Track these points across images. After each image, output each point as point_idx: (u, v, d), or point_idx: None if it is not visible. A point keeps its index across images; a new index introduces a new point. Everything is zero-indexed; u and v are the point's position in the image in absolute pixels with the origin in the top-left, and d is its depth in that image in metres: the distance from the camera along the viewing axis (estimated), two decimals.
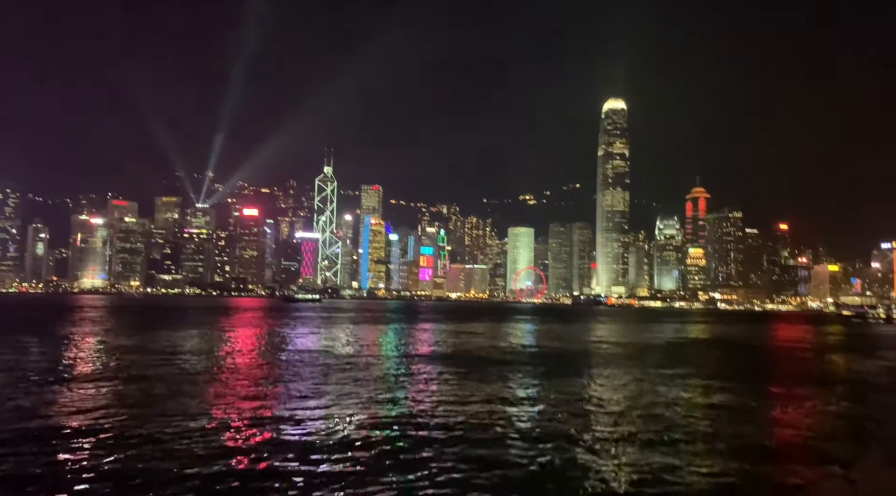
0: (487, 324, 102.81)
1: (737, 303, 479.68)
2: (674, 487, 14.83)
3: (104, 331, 64.24)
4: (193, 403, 24.03)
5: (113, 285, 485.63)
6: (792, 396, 30.45)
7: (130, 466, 15.37)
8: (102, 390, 26.72)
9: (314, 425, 20.80)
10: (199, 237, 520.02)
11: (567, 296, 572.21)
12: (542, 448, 18.38)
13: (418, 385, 31.00)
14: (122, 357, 40.17)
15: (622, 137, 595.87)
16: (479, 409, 24.27)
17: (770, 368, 47.53)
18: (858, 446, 19.80)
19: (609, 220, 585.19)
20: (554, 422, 22.34)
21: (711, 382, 34.62)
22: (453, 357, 45.79)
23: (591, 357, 49.60)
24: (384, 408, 24.44)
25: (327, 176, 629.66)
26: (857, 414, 25.93)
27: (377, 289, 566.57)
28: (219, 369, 35.12)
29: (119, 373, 32.16)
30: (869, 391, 33.53)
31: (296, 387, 28.74)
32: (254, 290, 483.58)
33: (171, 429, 19.38)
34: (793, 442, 20.46)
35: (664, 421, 23.05)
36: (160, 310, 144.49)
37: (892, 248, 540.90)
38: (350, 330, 78.05)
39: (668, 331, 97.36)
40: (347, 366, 38.17)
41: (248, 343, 54.92)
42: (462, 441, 18.93)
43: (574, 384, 32.52)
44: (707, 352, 62.04)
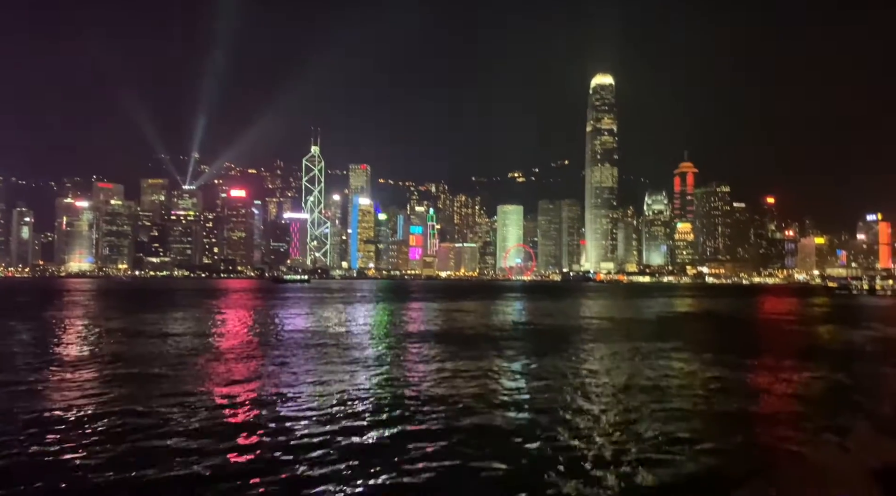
0: (478, 303, 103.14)
1: (724, 277, 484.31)
2: (666, 456, 14.96)
3: (93, 315, 63.84)
4: (185, 384, 23.95)
5: (100, 268, 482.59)
6: (781, 367, 30.79)
7: (122, 449, 15.31)
8: (93, 373, 26.58)
9: (307, 403, 20.80)
10: (186, 219, 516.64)
11: (557, 272, 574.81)
12: (535, 420, 18.50)
13: (411, 362, 31.07)
14: (112, 339, 39.97)
15: (610, 113, 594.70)
16: (471, 384, 24.37)
17: (758, 340, 48.06)
18: (850, 415, 20.06)
19: (598, 197, 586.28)
20: (546, 396, 22.48)
21: (701, 355, 34.94)
22: (445, 335, 45.92)
23: (582, 332, 49.90)
24: (377, 384, 24.48)
25: (314, 156, 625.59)
26: (847, 383, 26.27)
27: (367, 268, 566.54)
28: (209, 351, 35.00)
29: (109, 356, 31.98)
30: (856, 361, 33.96)
31: (287, 367, 28.72)
32: (243, 272, 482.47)
33: (164, 409, 19.32)
34: (785, 411, 20.71)
35: (654, 392, 23.25)
36: (148, 292, 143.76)
37: (877, 219, 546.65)
38: (341, 310, 78.03)
39: (657, 306, 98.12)
40: (339, 345, 38.18)
41: (237, 324, 54.78)
42: (455, 414, 19.01)
43: (565, 359, 32.72)
44: (696, 325, 62.62)
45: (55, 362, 29.80)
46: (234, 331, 47.50)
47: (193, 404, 20.39)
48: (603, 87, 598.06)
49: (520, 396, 22.80)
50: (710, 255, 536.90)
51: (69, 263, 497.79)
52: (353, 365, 29.79)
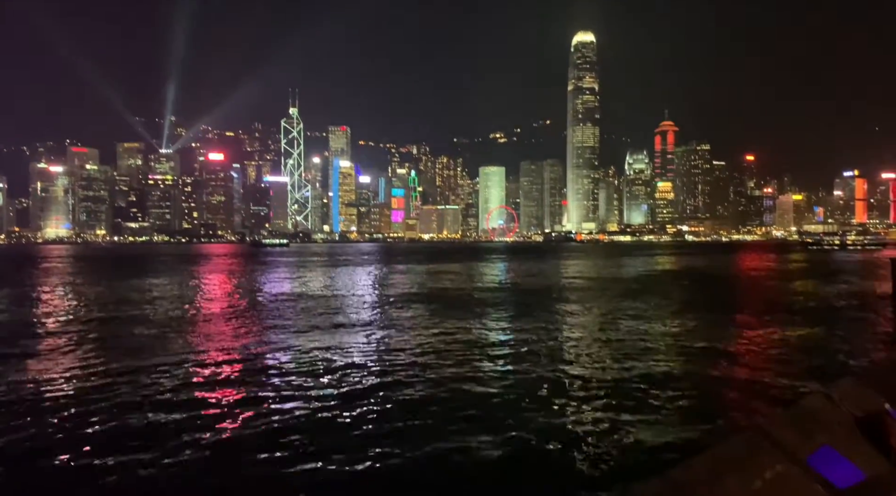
0: (461, 264, 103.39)
1: (704, 235, 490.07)
2: (650, 408, 15.15)
3: (73, 281, 63.02)
4: (163, 350, 23.78)
5: (78, 235, 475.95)
6: (762, 322, 31.27)
7: (101, 417, 15.17)
8: (76, 339, 26.27)
9: (293, 366, 20.76)
10: (164, 183, 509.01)
11: (539, 233, 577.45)
12: (518, 377, 18.63)
13: (397, 324, 31.10)
14: (94, 306, 39.53)
15: (591, 71, 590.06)
16: (455, 343, 24.47)
17: (738, 297, 48.74)
18: (832, 365, 20.46)
19: (579, 157, 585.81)
20: (530, 353, 22.64)
21: (683, 312, 35.38)
22: (430, 296, 46.01)
23: (564, 292, 50.26)
24: (363, 345, 24.49)
25: (293, 117, 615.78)
26: (827, 336, 26.75)
27: (349, 232, 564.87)
28: (189, 317, 34.77)
29: (92, 322, 31.64)
30: (834, 314, 34.59)
31: (270, 331, 28.62)
32: (223, 236, 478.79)
33: (152, 373, 19.18)
34: (768, 364, 21.04)
35: (637, 348, 23.50)
36: (127, 258, 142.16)
37: (853, 175, 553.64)
38: (323, 273, 77.83)
39: (638, 265, 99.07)
40: (324, 309, 38.11)
41: (216, 290, 54.43)
42: (439, 375, 19.08)
43: (547, 318, 32.95)
44: (675, 283, 63.32)
45: (33, 331, 29.42)
46: (213, 297, 47.19)
47: (172, 371, 20.25)
48: (584, 45, 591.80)
49: (500, 354, 22.93)
50: (689, 214, 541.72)
51: (46, 230, 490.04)
52: (337, 329, 29.76)
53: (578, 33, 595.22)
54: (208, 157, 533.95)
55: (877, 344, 25.08)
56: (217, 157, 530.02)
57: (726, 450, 2.69)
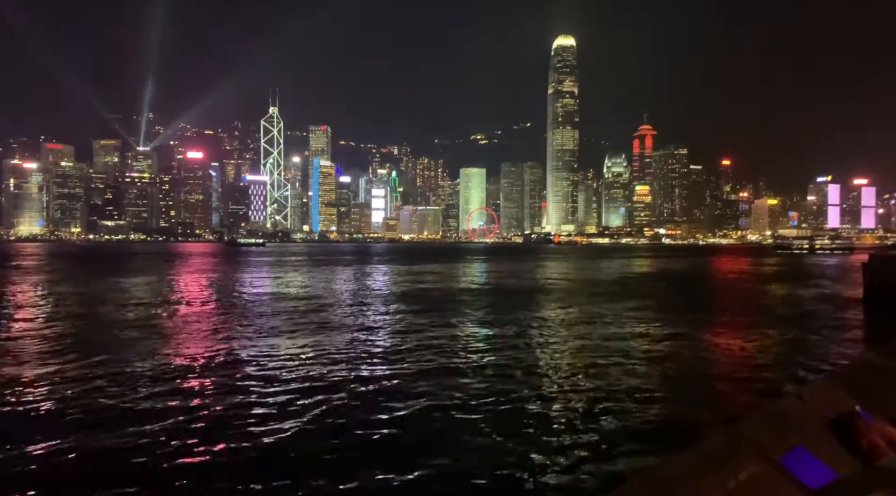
0: (441, 265, 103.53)
1: (680, 238, 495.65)
2: (626, 406, 15.40)
3: (46, 280, 62.01)
4: (145, 348, 23.58)
5: (52, 232, 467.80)
6: (737, 324, 31.83)
7: (77, 417, 15.06)
8: (50, 340, 25.93)
9: (270, 366, 20.71)
10: (141, 181, 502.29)
11: (519, 235, 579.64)
12: (497, 378, 18.79)
13: (378, 324, 31.12)
14: (68, 305, 38.99)
15: (571, 75, 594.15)
16: (436, 344, 24.58)
17: (713, 299, 49.47)
18: (805, 367, 20.92)
19: (559, 159, 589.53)
20: (508, 353, 22.82)
21: (658, 313, 35.86)
22: (410, 297, 46.08)
23: (543, 293, 50.62)
24: (343, 346, 24.49)
25: (273, 116, 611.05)
26: (800, 338, 27.32)
27: (329, 232, 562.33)
28: (158, 319, 34.49)
29: (65, 322, 31.23)
30: (806, 316, 35.29)
31: (246, 332, 28.49)
32: (201, 235, 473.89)
33: (125, 375, 19.02)
34: (743, 365, 21.47)
35: (614, 348, 23.81)
36: (100, 256, 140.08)
37: (826, 181, 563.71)
38: (301, 274, 77.48)
39: (616, 267, 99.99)
40: (302, 309, 38.01)
41: (189, 290, 53.96)
42: (420, 374, 19.18)
43: (526, 318, 33.21)
44: (652, 285, 64.05)
45: (8, 330, 28.97)
46: (185, 298, 46.78)
47: (150, 368, 20.12)
48: (565, 49, 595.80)
49: (479, 355, 23.08)
50: (667, 217, 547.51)
51: (18, 227, 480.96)
52: (315, 329, 29.71)
53: (559, 37, 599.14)
54: (186, 156, 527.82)
55: (849, 346, 25.68)
56: (196, 155, 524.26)
57: (702, 450, 2.66)
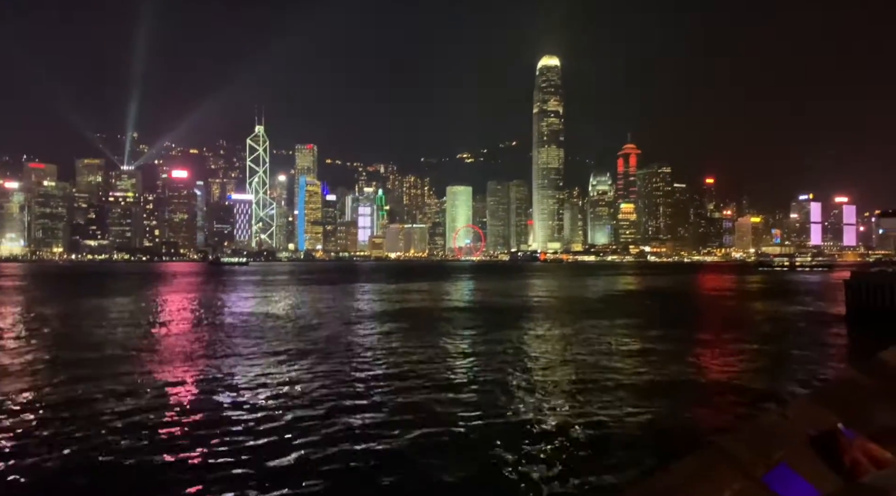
0: (428, 283, 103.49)
1: (665, 256, 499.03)
2: (612, 423, 15.51)
3: (26, 300, 61.24)
4: (128, 371, 23.39)
5: (33, 252, 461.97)
6: (721, 341, 32.12)
7: (60, 441, 14.92)
8: (29, 364, 25.63)
9: (255, 388, 20.62)
10: (125, 200, 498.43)
11: (505, 252, 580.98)
12: (485, 396, 18.84)
13: (364, 343, 31.06)
14: (48, 327, 38.55)
15: (556, 95, 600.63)
16: (423, 363, 24.58)
17: (698, 316, 49.86)
18: (788, 384, 21.17)
19: (545, 178, 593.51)
20: (497, 372, 22.88)
21: (645, 331, 36.09)
22: (397, 315, 46.02)
23: (530, 310, 50.76)
24: (331, 367, 24.42)
25: (259, 135, 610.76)
26: (783, 354, 27.63)
27: (315, 250, 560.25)
28: (138, 342, 34.22)
29: (46, 346, 30.87)
30: (789, 333, 35.68)
31: (223, 358, 28.33)
32: (185, 255, 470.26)
33: (105, 398, 18.86)
34: (727, 382, 21.67)
35: (600, 366, 23.95)
36: (79, 277, 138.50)
37: (808, 199, 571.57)
38: (284, 293, 77.14)
39: (602, 285, 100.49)
40: (287, 330, 37.86)
41: (169, 312, 53.54)
42: (408, 392, 19.18)
43: (514, 336, 33.29)
44: (638, 302, 64.41)
45: None
46: (166, 320, 46.42)
47: (132, 391, 19.97)
48: (549, 69, 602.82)
49: (467, 375, 23.12)
50: (652, 235, 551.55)
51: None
52: (297, 352, 29.60)
53: (544, 57, 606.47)
54: (171, 174, 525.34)
55: (831, 363, 26.00)
56: (180, 174, 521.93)
57: (684, 468, 2.63)
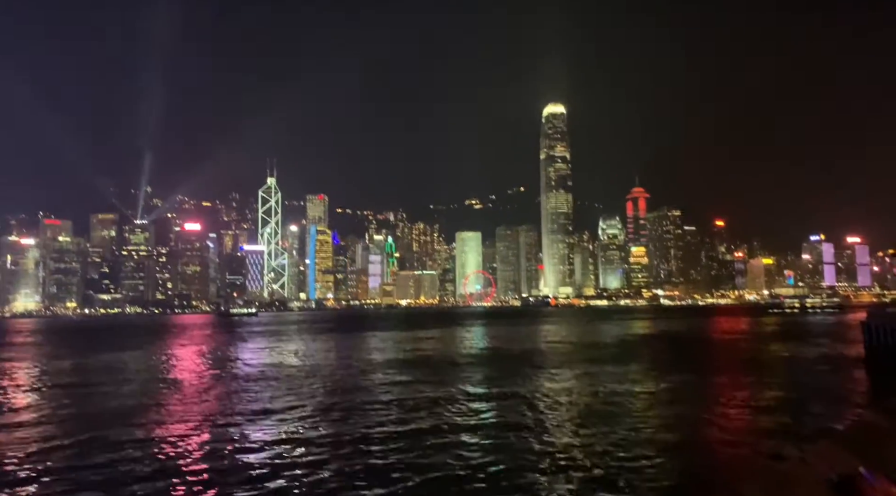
0: (440, 330, 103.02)
1: (679, 299, 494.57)
2: (633, 472, 15.32)
3: (41, 355, 61.52)
4: (140, 426, 23.41)
5: (48, 307, 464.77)
6: (740, 384, 31.73)
7: None
8: (43, 419, 25.71)
9: (268, 444, 20.56)
10: (138, 254, 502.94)
11: (516, 298, 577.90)
12: (502, 447, 18.68)
13: (378, 394, 30.91)
14: (61, 382, 38.69)
15: (563, 141, 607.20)
16: (437, 413, 24.43)
17: (716, 360, 49.28)
18: (807, 428, 20.85)
19: (554, 222, 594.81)
20: (513, 421, 22.70)
21: (661, 376, 35.71)
22: (411, 364, 45.79)
23: (545, 357, 50.38)
24: (344, 419, 24.32)
25: (270, 187, 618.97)
26: (802, 398, 27.25)
27: (326, 299, 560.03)
28: (149, 399, 34.25)
29: (58, 402, 30.97)
30: (808, 376, 35.19)
31: (242, 406, 28.30)
32: (198, 307, 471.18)
33: (117, 453, 18.87)
34: (748, 427, 21.39)
35: (619, 412, 23.70)
36: (93, 331, 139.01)
37: (820, 240, 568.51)
38: (298, 345, 77.02)
39: (616, 330, 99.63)
40: (302, 382, 37.78)
41: (180, 367, 53.56)
42: (422, 444, 19.07)
43: (528, 388, 33.02)
44: (653, 346, 63.78)
45: (6, 407, 28.74)
46: (176, 377, 46.43)
47: (145, 447, 19.96)
48: (555, 116, 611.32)
49: (482, 425, 22.94)
50: (664, 278, 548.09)
51: (14, 303, 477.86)
52: (315, 400, 29.50)
53: (549, 105, 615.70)
54: (184, 227, 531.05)
55: (851, 407, 25.60)
56: (193, 226, 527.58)
57: None
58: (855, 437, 3.46)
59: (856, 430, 4.06)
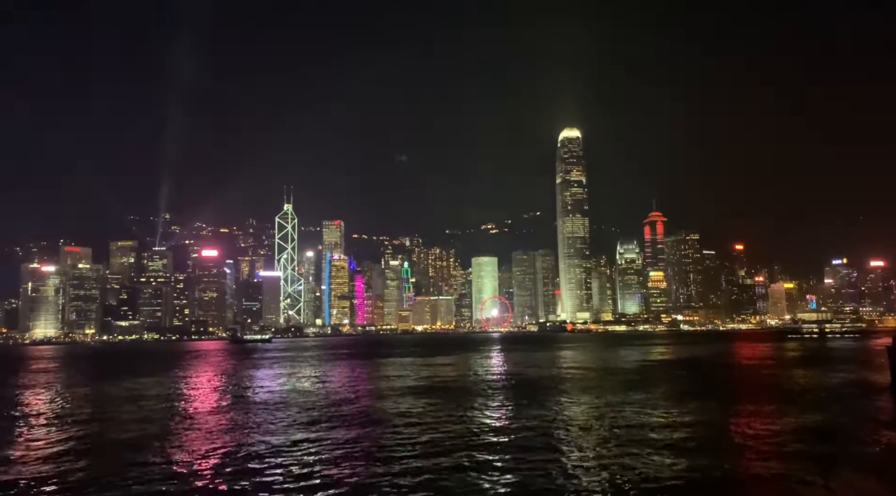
0: (457, 356, 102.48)
1: (698, 324, 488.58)
2: None
3: (59, 383, 62.03)
4: (156, 456, 23.44)
5: (67, 334, 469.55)
6: (763, 412, 31.16)
7: None
8: (61, 448, 25.84)
9: (285, 477, 20.47)
10: (156, 281, 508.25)
11: (533, 323, 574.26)
12: (523, 475, 18.47)
13: (397, 420, 30.75)
14: (82, 409, 38.94)
15: (578, 165, 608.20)
16: (456, 442, 24.22)
17: (738, 386, 48.48)
18: (833, 455, 20.39)
19: (570, 247, 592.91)
20: (534, 450, 22.44)
21: (682, 403, 35.18)
22: (429, 390, 45.54)
23: (564, 382, 49.88)
24: (362, 463, 24.19)
25: (287, 213, 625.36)
26: (827, 425, 26.69)
27: (341, 325, 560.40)
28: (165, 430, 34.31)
29: (76, 432, 31.14)
30: (833, 402, 34.50)
31: (258, 437, 28.28)
32: (214, 333, 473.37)
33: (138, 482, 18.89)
34: (771, 454, 20.94)
35: (642, 440, 23.34)
36: (109, 358, 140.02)
37: (842, 263, 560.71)
38: (314, 371, 76.97)
39: (635, 355, 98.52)
40: (318, 410, 37.71)
41: (196, 395, 53.69)
42: (444, 473, 18.90)
43: (548, 410, 32.67)
44: (674, 373, 62.93)
45: (14, 432, 28.93)
46: (192, 406, 46.52)
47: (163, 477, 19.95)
48: (571, 141, 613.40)
49: (502, 453, 22.70)
50: (683, 303, 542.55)
51: (34, 330, 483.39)
52: (330, 427, 29.41)
53: (565, 130, 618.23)
54: (201, 254, 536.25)
55: (877, 434, 25.02)
56: (210, 253, 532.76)
57: None
58: (882, 465, 3.43)
59: (882, 458, 4.00)
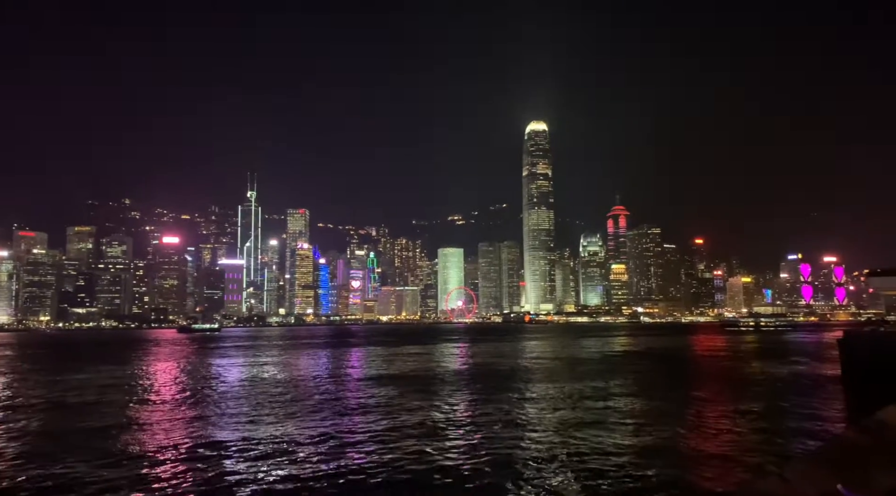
0: (422, 347, 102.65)
1: (658, 317, 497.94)
2: (611, 490, 15.33)
3: (11, 373, 60.26)
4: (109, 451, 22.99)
5: (20, 321, 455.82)
6: (717, 401, 31.96)
7: None
8: (13, 441, 25.16)
9: (250, 464, 20.29)
10: (115, 267, 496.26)
11: (498, 314, 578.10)
12: (483, 460, 18.61)
13: (361, 409, 30.69)
14: (35, 398, 37.94)
15: (545, 158, 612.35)
16: (418, 431, 24.28)
17: (695, 376, 49.60)
18: (786, 445, 21.03)
19: (535, 239, 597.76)
20: (493, 438, 22.63)
21: (640, 392, 35.87)
22: (393, 379, 45.55)
23: (528, 373, 50.39)
24: (326, 436, 24.09)
25: (251, 201, 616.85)
26: (779, 415, 27.51)
27: (305, 314, 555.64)
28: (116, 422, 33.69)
29: (29, 419, 30.36)
30: (786, 393, 35.55)
31: (218, 424, 27.95)
32: (174, 321, 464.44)
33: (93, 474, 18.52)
34: (726, 444, 21.50)
35: (598, 428, 23.73)
36: (59, 346, 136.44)
37: (798, 258, 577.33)
38: (274, 360, 76.31)
39: (597, 346, 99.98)
40: (279, 397, 37.42)
41: (154, 385, 52.79)
42: (402, 467, 18.93)
43: (509, 399, 32.98)
44: (636, 363, 64.07)
45: None
46: (151, 394, 45.71)
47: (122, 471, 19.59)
48: (537, 134, 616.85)
49: (463, 440, 22.85)
50: (644, 295, 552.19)
51: None
52: (290, 414, 29.22)
53: (531, 122, 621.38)
54: (162, 241, 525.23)
55: (829, 423, 25.89)
56: (171, 240, 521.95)
57: None
58: (833, 455, 3.42)
59: (834, 448, 3.99)
